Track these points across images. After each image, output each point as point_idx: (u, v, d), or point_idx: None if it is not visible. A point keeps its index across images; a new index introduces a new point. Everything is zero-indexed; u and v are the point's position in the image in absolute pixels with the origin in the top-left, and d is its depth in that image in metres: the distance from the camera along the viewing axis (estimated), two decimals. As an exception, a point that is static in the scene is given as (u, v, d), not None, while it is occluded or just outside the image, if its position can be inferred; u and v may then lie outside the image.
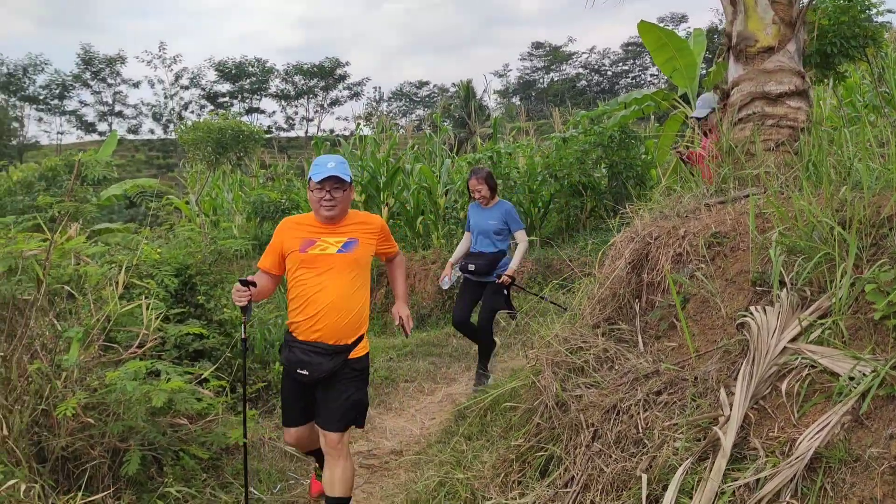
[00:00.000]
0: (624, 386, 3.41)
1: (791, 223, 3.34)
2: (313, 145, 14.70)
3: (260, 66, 68.28)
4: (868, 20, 6.35)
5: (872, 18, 6.54)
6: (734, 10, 5.14)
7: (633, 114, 9.82)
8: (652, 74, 71.11)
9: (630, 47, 71.69)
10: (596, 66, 76.96)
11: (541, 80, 79.47)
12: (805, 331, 2.88)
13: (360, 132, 14.40)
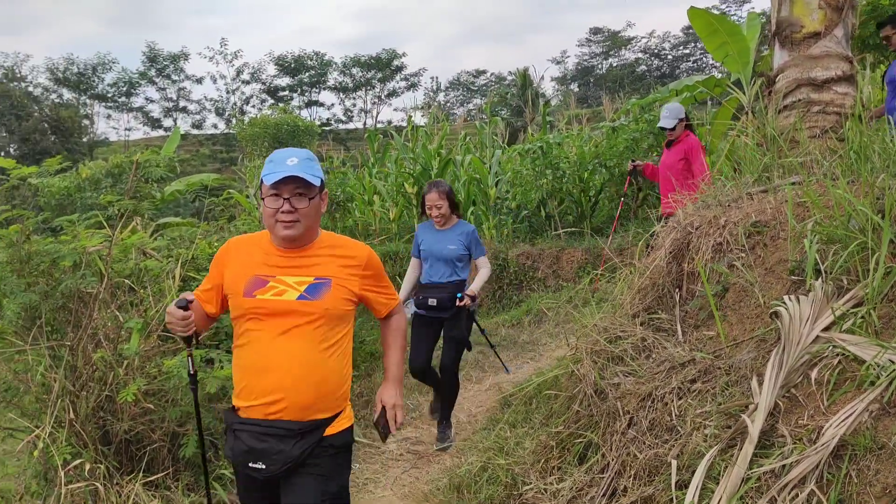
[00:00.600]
0: (660, 374, 3.46)
1: (828, 212, 3.34)
2: (367, 138, 14.90)
3: (318, 59, 69.03)
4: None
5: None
6: (780, -4, 5.09)
7: (685, 101, 9.69)
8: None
9: (691, 30, 69.65)
10: (656, 51, 75.36)
11: (599, 67, 78.37)
12: (839, 320, 2.89)
13: (413, 123, 14.53)
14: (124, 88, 65.27)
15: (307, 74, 69.32)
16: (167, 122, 66.99)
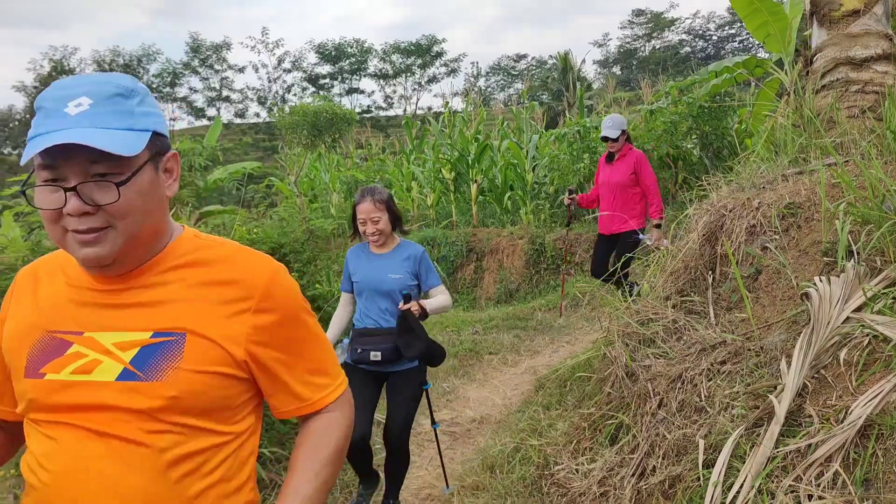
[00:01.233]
0: (690, 356, 3.47)
1: (862, 193, 3.30)
2: (404, 125, 14.96)
3: (358, 46, 69.40)
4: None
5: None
6: (818, -26, 5.00)
7: (726, 82, 9.54)
8: (761, 37, 67.66)
9: (736, 10, 68.20)
10: (700, 32, 74.03)
11: (642, 49, 77.30)
12: (870, 301, 2.87)
13: (450, 109, 14.54)
14: (169, 79, 66.48)
15: (347, 62, 69.74)
16: (211, 112, 68.11)
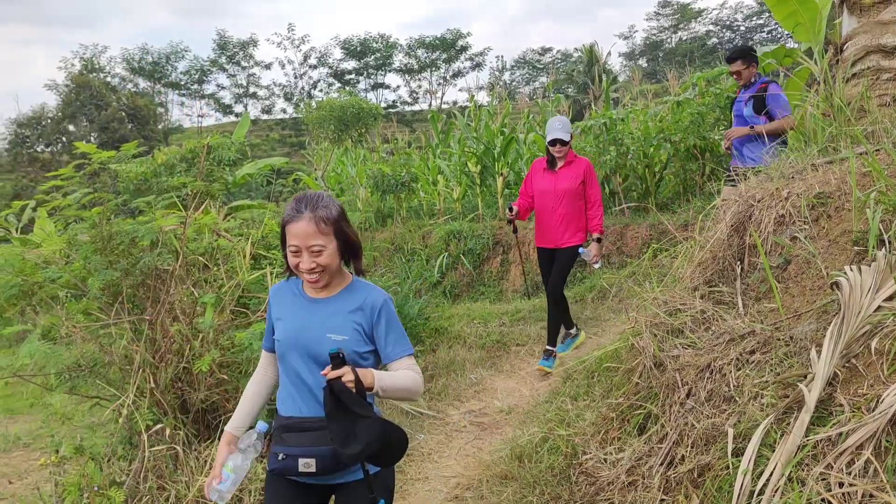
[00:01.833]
0: (719, 346, 3.47)
1: (893, 182, 3.28)
2: (430, 119, 15.00)
3: (384, 41, 69.49)
4: None
5: None
6: (848, -39, 4.94)
7: (754, 72, 9.44)
8: (790, 26, 66.55)
9: (764, -1, 67.24)
10: (728, 22, 72.95)
11: (668, 41, 76.50)
12: (902, 289, 2.86)
13: (476, 103, 14.56)
14: (196, 76, 67.12)
15: (373, 57, 69.84)
16: (238, 108, 68.63)
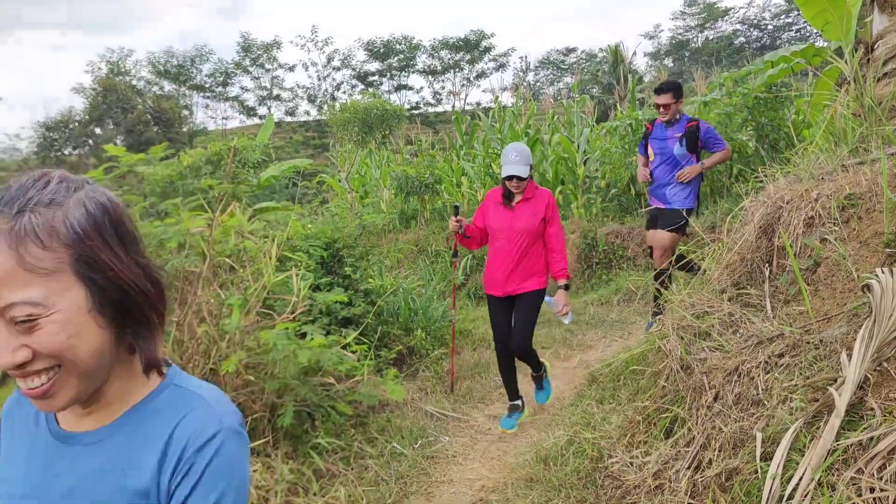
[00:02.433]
0: (747, 349, 3.44)
1: (925, 182, 3.23)
2: (454, 120, 15.01)
3: (407, 42, 69.64)
4: None
5: None
6: (879, -42, 4.87)
7: (782, 72, 9.33)
8: (819, 25, 65.65)
9: (793, -3, 66.31)
10: (755, 21, 72.13)
11: (694, 40, 75.88)
12: (935, 292, 2.81)
13: (500, 104, 14.54)
14: (221, 79, 67.72)
15: (396, 59, 70.03)
16: (262, 110, 69.15)
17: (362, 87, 68.64)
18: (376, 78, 71.24)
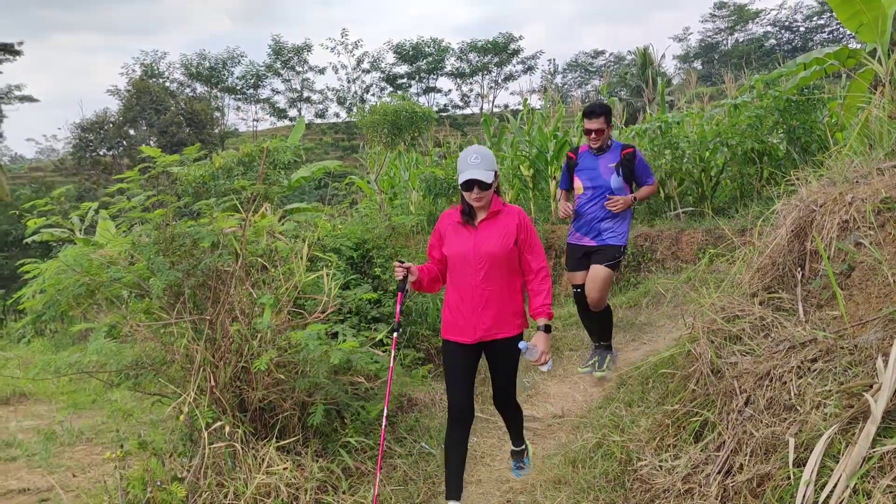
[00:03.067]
0: (779, 354, 3.41)
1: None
2: (482, 122, 15.02)
3: (436, 45, 69.73)
4: None
5: None
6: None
7: (815, 74, 9.22)
8: (852, 27, 64.61)
9: (825, -2, 65.39)
10: (786, 23, 71.20)
11: (724, 43, 75.12)
12: (973, 298, 2.77)
13: (528, 106, 14.52)
14: (252, 81, 68.25)
15: (425, 61, 70.14)
16: (292, 113, 69.64)
17: (391, 89, 68.88)
18: (405, 80, 71.42)
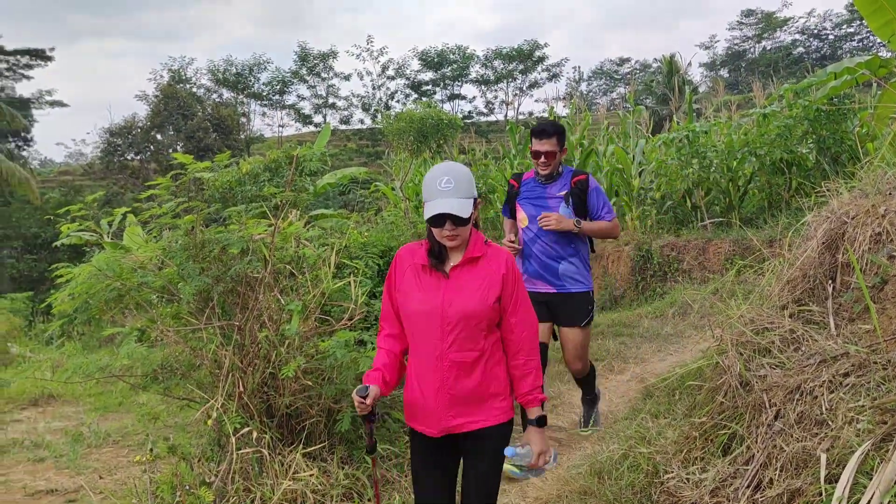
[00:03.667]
0: (810, 367, 3.37)
1: None
2: (508, 130, 15.02)
3: (461, 52, 69.85)
4: None
5: None
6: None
7: (845, 84, 9.13)
8: (883, 35, 63.78)
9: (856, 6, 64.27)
10: (815, 31, 70.40)
11: (751, 51, 74.53)
12: None
13: (555, 114, 14.50)
14: (278, 87, 68.81)
15: (450, 68, 70.29)
16: (317, 118, 70.01)
17: (416, 96, 69.08)
18: (430, 87, 71.60)
